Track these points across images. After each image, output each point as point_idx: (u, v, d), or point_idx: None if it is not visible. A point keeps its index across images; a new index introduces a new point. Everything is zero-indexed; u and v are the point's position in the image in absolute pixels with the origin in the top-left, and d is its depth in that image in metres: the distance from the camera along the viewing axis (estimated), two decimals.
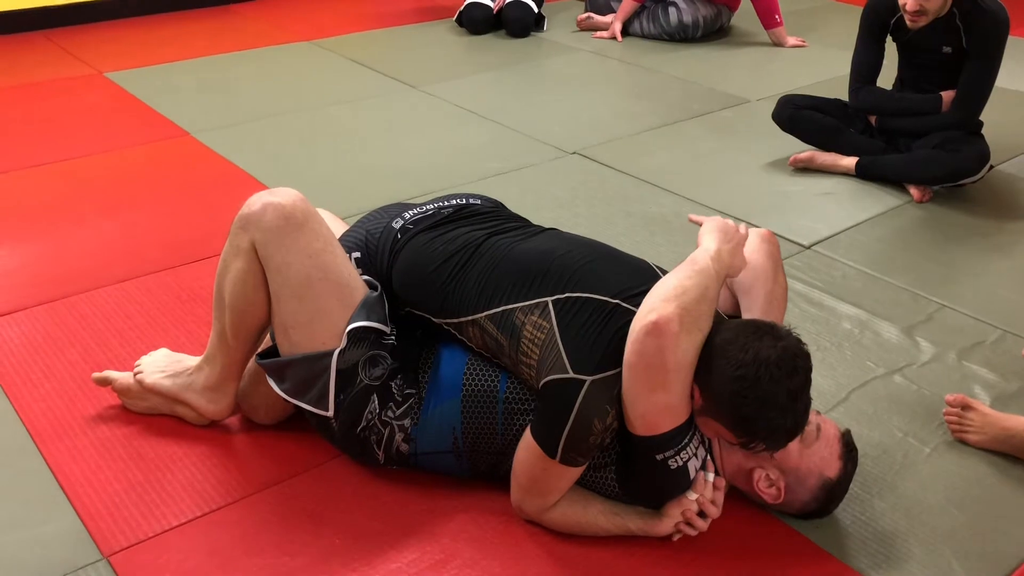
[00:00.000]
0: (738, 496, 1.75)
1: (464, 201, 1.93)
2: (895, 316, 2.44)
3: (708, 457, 1.66)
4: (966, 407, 1.98)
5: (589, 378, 1.54)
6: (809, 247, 2.78)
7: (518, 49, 4.77)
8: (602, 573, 1.64)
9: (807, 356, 1.53)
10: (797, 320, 1.88)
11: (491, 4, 4.93)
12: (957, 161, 3.01)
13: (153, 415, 1.98)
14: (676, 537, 1.67)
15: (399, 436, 1.74)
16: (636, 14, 4.91)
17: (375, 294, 1.77)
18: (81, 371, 2.12)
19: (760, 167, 3.36)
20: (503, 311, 1.68)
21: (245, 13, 5.32)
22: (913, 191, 3.10)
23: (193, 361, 1.94)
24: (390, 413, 1.74)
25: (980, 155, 3.04)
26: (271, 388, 1.84)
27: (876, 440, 1.98)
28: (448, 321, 1.77)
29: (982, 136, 3.13)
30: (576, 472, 1.62)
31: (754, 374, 1.47)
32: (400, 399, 1.74)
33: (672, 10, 4.82)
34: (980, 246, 2.83)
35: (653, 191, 3.15)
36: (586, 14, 5.11)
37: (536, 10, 4.97)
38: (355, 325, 1.71)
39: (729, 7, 4.93)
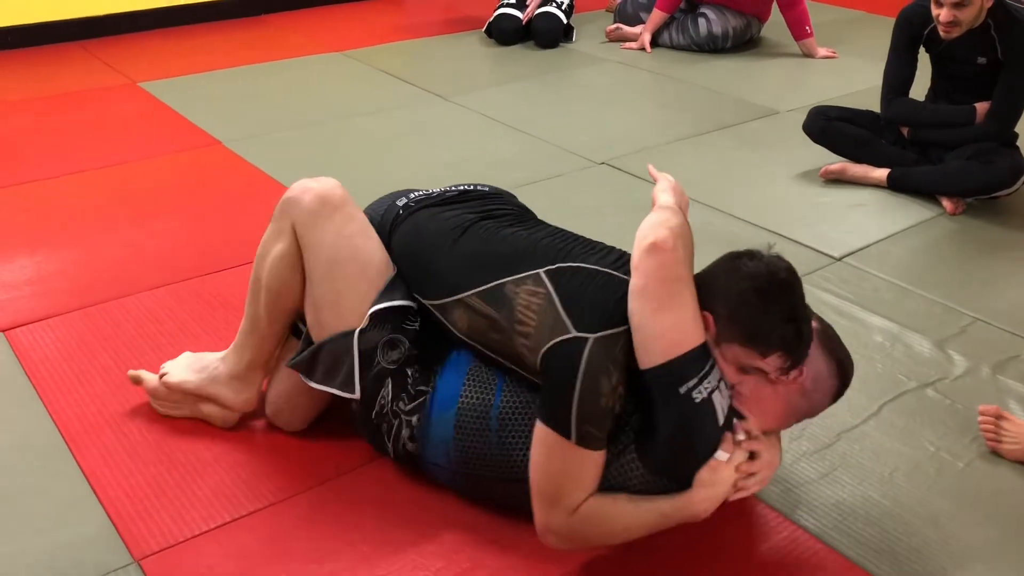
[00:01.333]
0: (765, 508, 1.74)
1: (471, 187, 1.96)
2: (927, 329, 2.42)
3: (729, 402, 1.57)
4: (1000, 417, 1.95)
5: (592, 336, 1.53)
6: (840, 259, 2.76)
7: (547, 60, 4.78)
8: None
9: (792, 268, 1.58)
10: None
11: (520, 15, 4.95)
12: (991, 173, 2.98)
13: (181, 418, 2.00)
14: (735, 496, 1.59)
15: (406, 432, 1.74)
16: (665, 25, 4.91)
17: (397, 276, 1.81)
18: (113, 376, 2.15)
19: (790, 178, 3.34)
20: (493, 286, 1.67)
21: (277, 24, 5.38)
22: (946, 203, 3.07)
23: (217, 356, 1.97)
24: (401, 404, 1.74)
25: (1015, 167, 3.00)
26: (297, 390, 1.88)
27: (908, 454, 1.96)
28: (434, 303, 1.76)
29: (1017, 148, 3.10)
30: (597, 458, 1.54)
31: (755, 283, 1.53)
32: (413, 393, 1.74)
33: (702, 21, 4.81)
34: (1014, 258, 2.79)
35: None
36: (615, 25, 5.12)
37: (565, 21, 4.98)
38: (377, 307, 1.74)
39: (759, 18, 4.92)
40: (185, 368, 1.98)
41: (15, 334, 2.32)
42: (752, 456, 1.59)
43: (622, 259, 1.69)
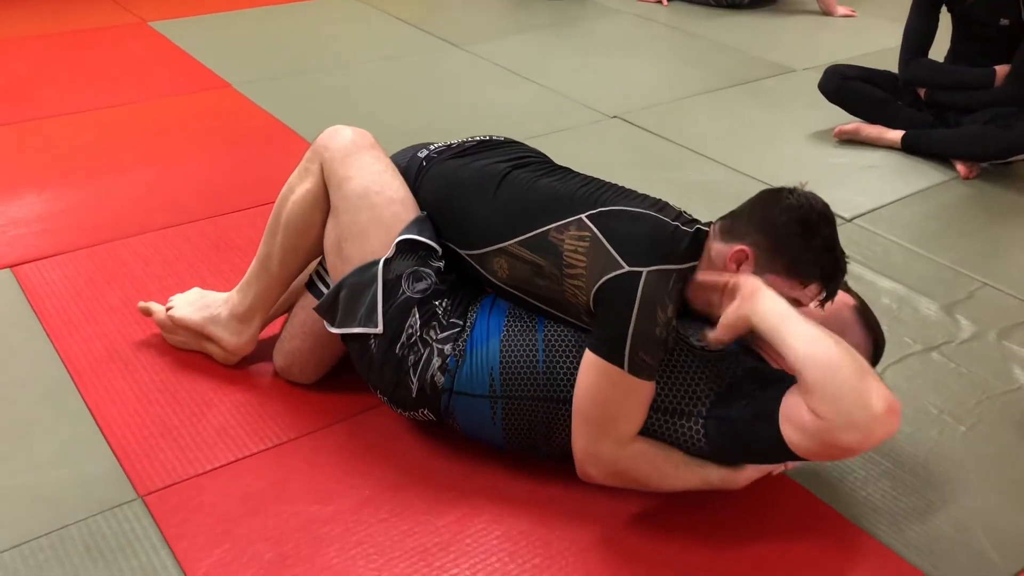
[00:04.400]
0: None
1: (487, 137, 1.98)
2: (935, 293, 2.41)
3: None
4: None
5: (645, 269, 1.56)
6: (850, 220, 2.74)
7: (562, 10, 4.72)
8: (630, 530, 1.64)
9: (826, 205, 1.61)
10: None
11: None
12: (1009, 137, 2.95)
13: (185, 350, 2.03)
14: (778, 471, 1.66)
15: (436, 361, 1.71)
16: None
17: (426, 216, 1.82)
18: (121, 315, 2.16)
19: (804, 137, 3.31)
20: (536, 234, 1.69)
21: None
22: (960, 167, 3.04)
23: (223, 295, 1.99)
24: (432, 333, 1.72)
25: None
26: (307, 347, 1.90)
27: (910, 417, 1.96)
28: (472, 252, 1.77)
29: None
30: (647, 389, 1.56)
31: (792, 217, 1.55)
32: (445, 323, 1.74)
33: None
34: None
35: (694, 158, 3.12)
36: None
37: None
38: (404, 237, 1.76)
39: None
40: (190, 304, 2.00)
41: (23, 270, 2.33)
42: None
43: (659, 203, 1.72)
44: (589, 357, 1.58)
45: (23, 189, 2.74)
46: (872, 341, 1.71)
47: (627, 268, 1.57)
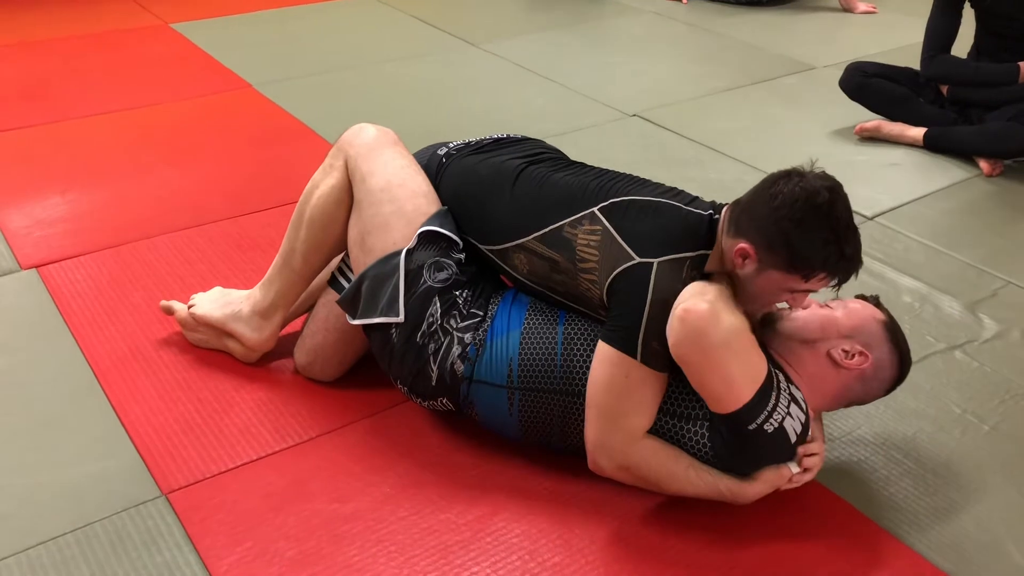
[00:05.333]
0: None
1: (503, 135, 2.00)
2: (958, 291, 2.39)
3: (804, 416, 1.62)
4: None
5: (655, 260, 1.58)
6: (872, 218, 2.72)
7: (581, 9, 4.71)
8: (649, 527, 1.64)
9: (835, 180, 1.57)
10: (856, 291, 1.85)
11: None
12: None
13: (206, 348, 2.04)
14: (787, 488, 1.65)
15: (456, 350, 1.73)
16: None
17: (447, 209, 1.84)
18: (144, 314, 2.18)
19: (825, 135, 3.29)
20: (551, 230, 1.71)
21: None
22: (983, 164, 3.02)
23: (244, 293, 2.01)
24: (453, 322, 1.74)
25: None
26: (329, 343, 1.91)
27: (933, 416, 1.95)
28: (493, 248, 1.79)
29: None
30: (660, 380, 1.58)
31: (791, 208, 1.52)
32: (466, 313, 1.75)
33: None
34: None
35: (714, 156, 3.11)
36: None
37: None
38: (427, 228, 1.78)
39: None
40: (212, 302, 2.02)
41: (48, 270, 2.36)
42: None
43: (673, 191, 1.73)
44: (602, 348, 1.59)
45: (48, 190, 2.77)
46: (898, 357, 1.69)
47: (638, 260, 1.59)
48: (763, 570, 1.58)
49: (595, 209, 1.68)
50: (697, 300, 1.51)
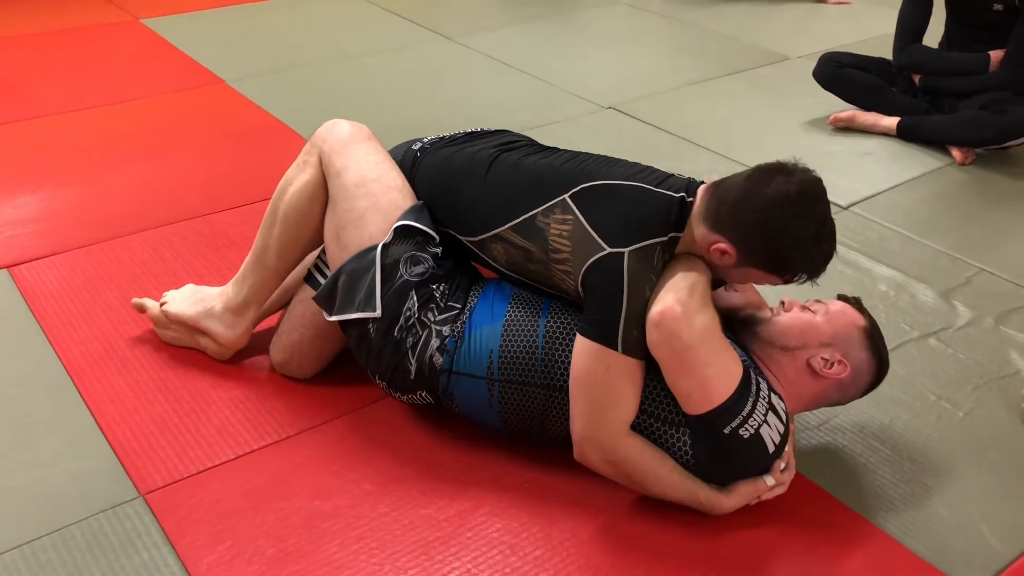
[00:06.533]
0: None
1: (479, 128, 2.00)
2: (932, 279, 2.41)
3: (783, 427, 1.62)
4: None
5: (626, 249, 1.58)
6: (847, 208, 2.74)
7: (556, 2, 4.71)
8: (630, 519, 1.65)
9: (820, 182, 1.57)
10: (832, 281, 1.86)
11: None
12: (1004, 123, 2.94)
13: (180, 346, 2.03)
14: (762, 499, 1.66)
15: (435, 343, 1.72)
16: None
17: (423, 204, 1.84)
18: (118, 313, 2.15)
19: (799, 125, 3.31)
20: (524, 219, 1.71)
21: None
22: (955, 153, 3.04)
23: (216, 290, 1.99)
24: (431, 315, 1.73)
25: None
26: (305, 340, 1.90)
27: (908, 403, 1.97)
28: (471, 239, 1.79)
29: None
30: (640, 369, 1.57)
31: (779, 214, 1.52)
32: (443, 306, 1.74)
33: None
34: (1023, 210, 2.77)
35: (690, 147, 3.12)
36: None
37: None
38: (402, 222, 1.77)
39: None
40: (184, 299, 2.00)
41: (19, 271, 2.33)
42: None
43: (646, 170, 1.72)
44: (581, 341, 1.59)
45: (18, 189, 2.73)
46: (876, 364, 1.70)
47: (608, 250, 1.59)
48: (743, 558, 1.59)
49: (566, 196, 1.68)
50: (671, 300, 1.52)
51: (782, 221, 1.52)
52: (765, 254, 1.56)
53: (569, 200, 1.67)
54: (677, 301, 1.52)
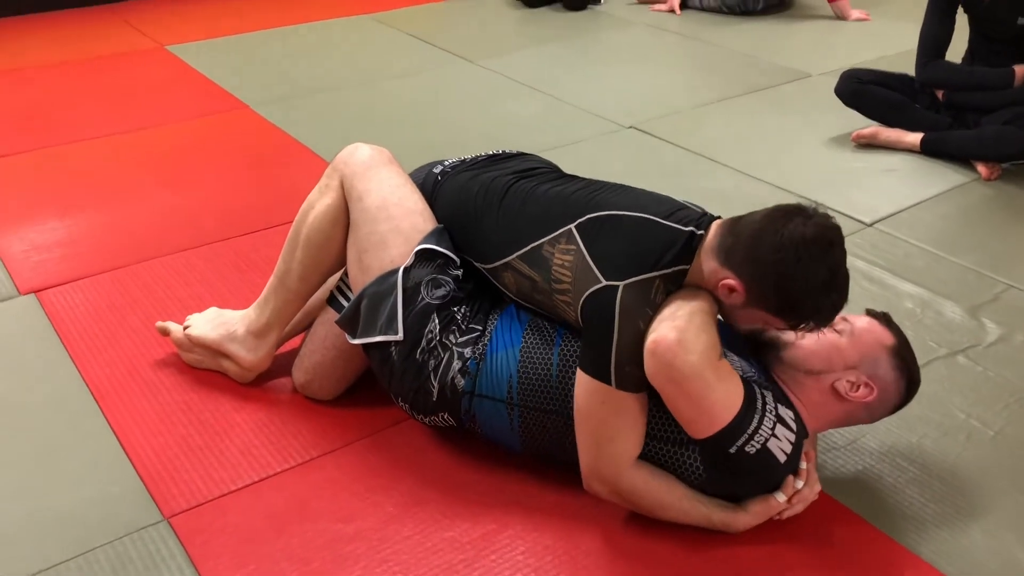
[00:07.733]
0: None
1: (499, 151, 1.99)
2: (959, 296, 2.38)
3: (794, 436, 1.59)
4: None
5: (621, 283, 1.55)
6: (871, 225, 2.72)
7: (574, 22, 4.73)
8: (656, 542, 1.63)
9: (839, 229, 1.53)
10: (857, 298, 1.84)
11: None
12: None
13: (203, 369, 2.04)
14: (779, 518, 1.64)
15: (457, 364, 1.71)
16: None
17: (443, 227, 1.84)
18: (143, 336, 2.17)
19: (821, 143, 3.30)
20: (532, 248, 1.70)
21: None
22: (981, 168, 3.02)
23: (239, 313, 2.00)
24: (452, 337, 1.73)
25: None
26: (327, 361, 1.91)
27: (937, 421, 1.94)
28: (486, 266, 1.79)
29: None
30: (637, 403, 1.56)
31: (793, 256, 1.47)
32: (464, 328, 1.74)
33: None
34: None
35: (711, 166, 3.11)
36: None
37: None
38: (423, 246, 1.77)
39: None
40: (207, 322, 2.01)
41: (46, 295, 2.35)
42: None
43: (658, 200, 1.70)
44: (580, 375, 1.59)
45: (45, 215, 2.77)
46: (905, 384, 1.66)
47: (604, 283, 1.56)
48: None
49: (572, 226, 1.66)
50: (666, 329, 1.50)
51: (795, 263, 1.48)
52: (774, 296, 1.52)
53: (574, 230, 1.66)
54: (673, 328, 1.50)
